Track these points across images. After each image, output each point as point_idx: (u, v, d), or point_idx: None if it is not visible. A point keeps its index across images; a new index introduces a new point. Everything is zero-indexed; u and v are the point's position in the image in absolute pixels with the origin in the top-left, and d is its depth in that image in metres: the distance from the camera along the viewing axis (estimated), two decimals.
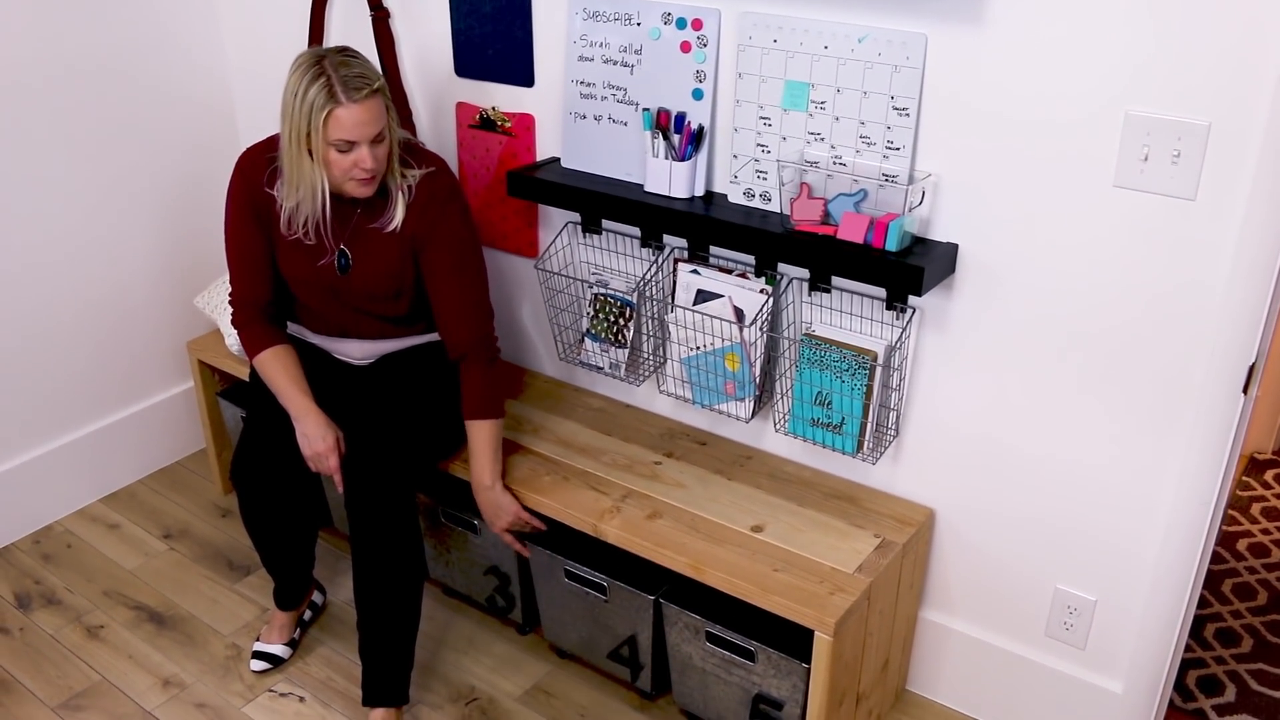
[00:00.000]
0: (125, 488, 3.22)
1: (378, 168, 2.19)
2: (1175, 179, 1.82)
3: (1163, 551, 2.07)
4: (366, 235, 2.32)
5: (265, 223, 2.35)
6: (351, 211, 2.32)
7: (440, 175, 2.33)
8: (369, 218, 2.31)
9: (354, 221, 2.32)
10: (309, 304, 2.43)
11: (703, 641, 2.24)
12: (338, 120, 2.11)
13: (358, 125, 2.13)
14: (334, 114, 2.11)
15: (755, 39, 2.15)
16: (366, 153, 2.16)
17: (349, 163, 2.17)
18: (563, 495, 2.36)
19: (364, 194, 2.23)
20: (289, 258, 2.36)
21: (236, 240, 2.37)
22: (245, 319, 2.40)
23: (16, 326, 2.84)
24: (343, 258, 2.33)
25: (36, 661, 2.58)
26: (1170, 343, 1.93)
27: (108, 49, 2.85)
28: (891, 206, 2.07)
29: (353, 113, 2.12)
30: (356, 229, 2.32)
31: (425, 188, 2.30)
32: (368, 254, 2.33)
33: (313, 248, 2.33)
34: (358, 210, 2.31)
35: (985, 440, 2.21)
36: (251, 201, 2.33)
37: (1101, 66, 1.83)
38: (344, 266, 2.34)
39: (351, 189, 2.22)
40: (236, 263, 2.39)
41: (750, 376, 2.34)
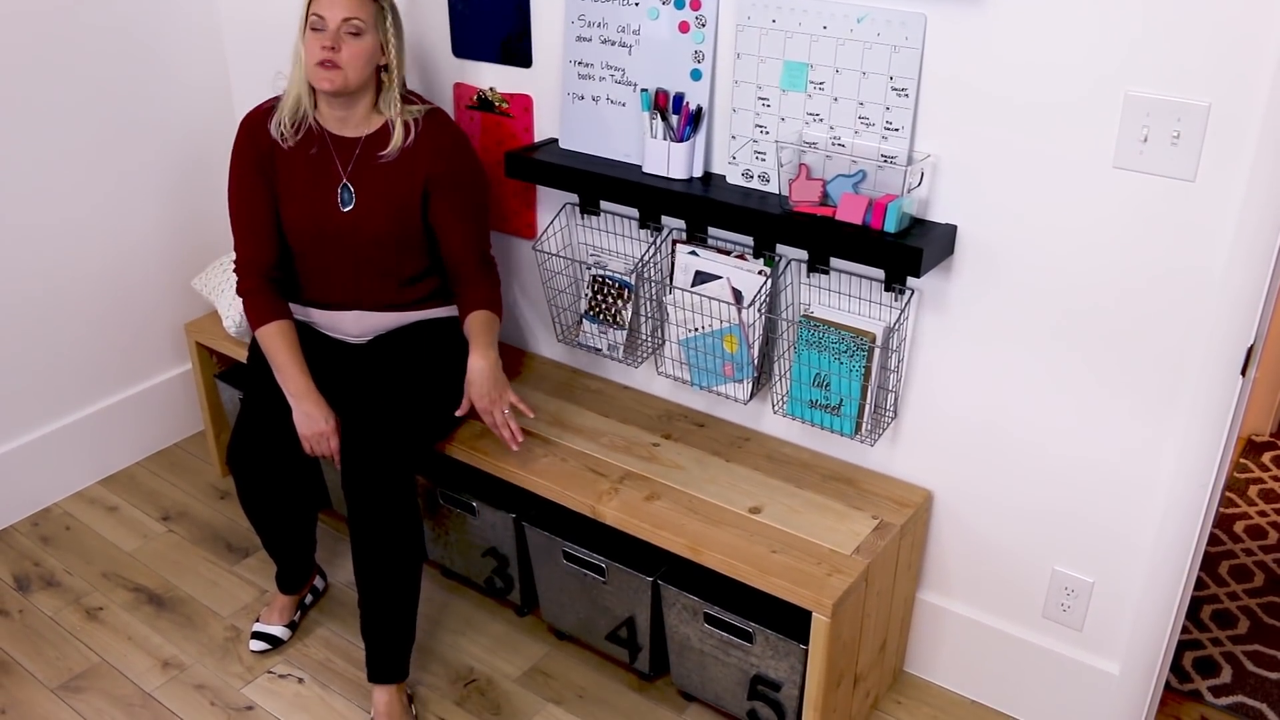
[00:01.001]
0: (124, 470, 3.22)
1: (341, 56, 2.24)
2: (1175, 160, 1.82)
3: (1160, 533, 2.07)
4: (371, 170, 2.36)
5: (269, 175, 2.38)
6: (354, 144, 2.36)
7: (446, 119, 2.42)
8: (372, 151, 2.36)
9: (357, 156, 2.36)
10: (310, 262, 2.44)
11: (701, 623, 2.25)
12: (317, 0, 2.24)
13: (330, 5, 2.23)
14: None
15: (754, 19, 2.14)
16: (332, 31, 2.23)
17: (316, 43, 2.24)
18: (561, 476, 2.36)
19: (325, 85, 2.26)
20: (294, 203, 2.38)
21: (241, 199, 2.39)
22: (251, 286, 2.41)
23: (15, 309, 2.84)
24: (345, 191, 2.36)
25: (36, 643, 2.59)
26: (1169, 324, 1.93)
27: (106, 33, 2.84)
28: (890, 188, 2.06)
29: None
30: (360, 164, 2.36)
31: (436, 127, 2.38)
32: (373, 189, 2.36)
33: (317, 188, 2.36)
34: (359, 144, 2.36)
35: (983, 422, 2.21)
36: (256, 152, 2.38)
37: (1101, 46, 1.82)
38: (347, 201, 2.36)
39: (315, 77, 2.27)
40: (241, 224, 2.41)
41: (748, 358, 2.34)
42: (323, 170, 2.37)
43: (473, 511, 2.54)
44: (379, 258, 2.40)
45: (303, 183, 2.37)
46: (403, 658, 2.34)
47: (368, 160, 2.36)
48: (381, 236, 2.37)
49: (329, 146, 2.37)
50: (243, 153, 2.39)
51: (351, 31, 2.24)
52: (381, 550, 2.25)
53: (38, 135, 2.77)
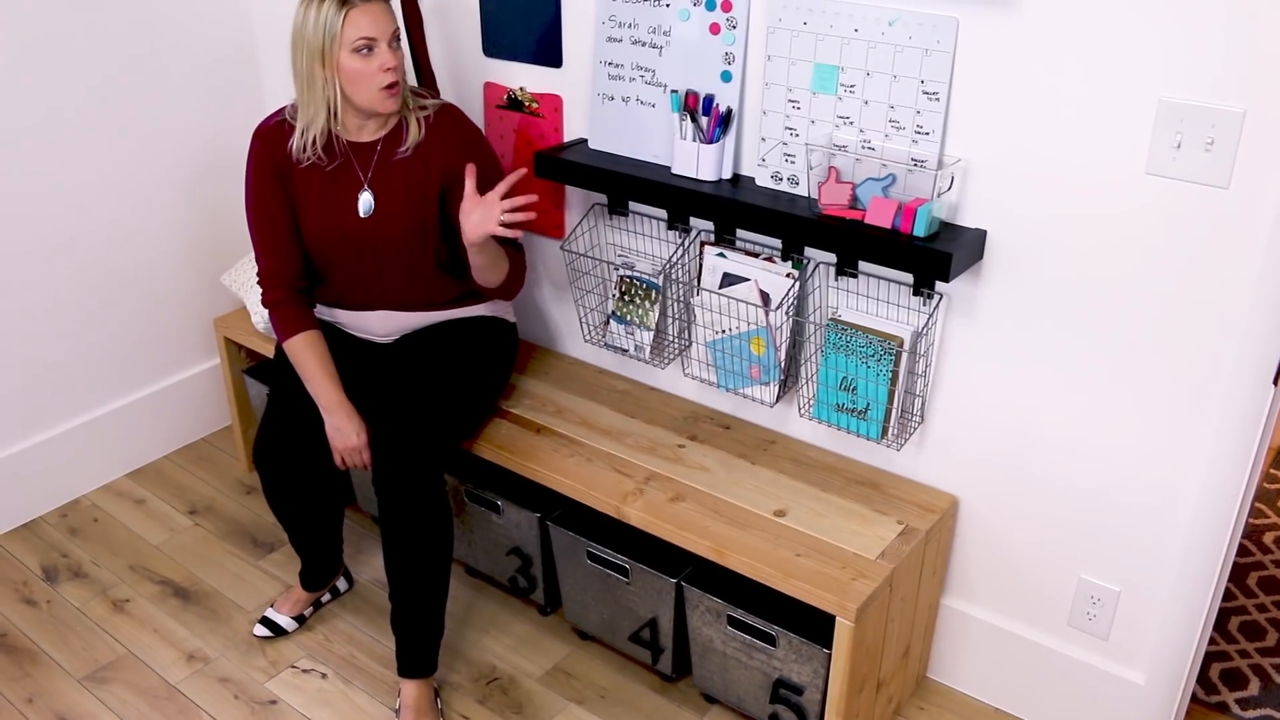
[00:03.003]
0: (151, 463, 3.24)
1: (400, 69, 2.24)
2: (1208, 167, 1.80)
3: (1188, 543, 2.05)
4: (389, 171, 2.34)
5: (287, 186, 2.37)
6: (372, 148, 2.34)
7: (459, 114, 2.41)
8: (390, 150, 2.34)
9: (375, 160, 2.35)
10: (333, 269, 2.43)
11: (724, 625, 2.24)
12: (354, 20, 2.18)
13: (375, 22, 2.19)
14: (349, 15, 2.17)
15: (785, 21, 2.13)
16: (388, 51, 2.21)
17: (374, 68, 2.21)
18: (586, 476, 2.36)
19: (393, 107, 2.26)
20: (312, 214, 2.37)
21: (261, 212, 2.38)
22: (276, 299, 2.39)
23: (46, 303, 2.87)
24: (366, 196, 2.35)
25: (63, 634, 2.61)
26: (1199, 332, 1.91)
27: (135, 27, 2.86)
28: (920, 191, 2.05)
29: (368, 11, 2.19)
30: (378, 167, 2.35)
31: (448, 119, 2.37)
32: (391, 190, 2.34)
33: (337, 197, 2.35)
34: (377, 147, 2.34)
35: (1010, 428, 2.19)
36: (273, 165, 2.36)
37: (1135, 52, 1.81)
38: (367, 206, 2.35)
39: (380, 101, 2.24)
40: (262, 236, 2.39)
41: (775, 361, 2.33)
42: (341, 178, 2.36)
43: (498, 510, 2.54)
44: (401, 258, 2.40)
45: (321, 192, 2.36)
46: (431, 652, 2.35)
47: (386, 161, 2.35)
48: (402, 237, 2.36)
49: (347, 154, 2.35)
50: (260, 166, 2.37)
51: (396, 42, 2.24)
52: (412, 547, 2.25)
53: (71, 133, 2.80)
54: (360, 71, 2.21)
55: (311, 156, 2.33)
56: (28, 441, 2.94)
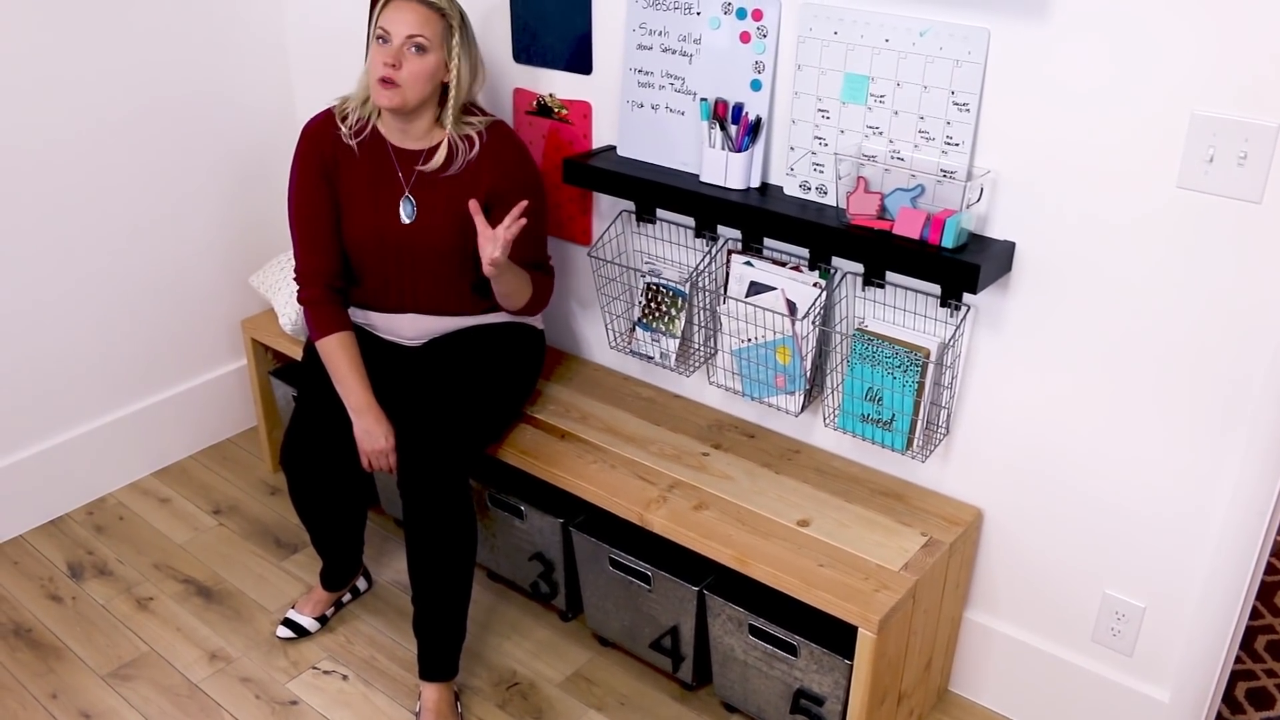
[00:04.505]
0: (177, 462, 3.26)
1: (402, 73, 2.23)
2: (1241, 181, 1.79)
3: (1215, 560, 2.04)
4: (433, 184, 2.36)
5: (333, 184, 2.39)
6: (415, 157, 2.36)
7: (510, 132, 2.42)
8: (436, 165, 2.36)
9: (418, 169, 2.37)
10: (369, 270, 2.44)
11: (745, 634, 2.24)
12: (386, 10, 2.25)
13: (398, 20, 2.23)
14: (386, 6, 2.25)
15: (815, 31, 2.13)
16: (398, 49, 2.23)
17: (379, 58, 2.24)
18: (609, 483, 2.36)
19: (384, 101, 2.26)
20: (355, 213, 2.39)
21: (304, 208, 2.40)
22: (313, 296, 2.41)
23: (78, 304, 2.89)
24: (408, 203, 2.37)
25: (87, 630, 2.63)
26: (1229, 347, 1.90)
27: (169, 29, 2.89)
28: (949, 203, 2.05)
29: (400, 9, 2.24)
30: (422, 176, 2.37)
31: (497, 138, 2.38)
32: (434, 202, 2.36)
33: (379, 199, 2.37)
34: (421, 157, 2.36)
35: (1036, 441, 2.18)
36: (320, 162, 2.38)
37: (1167, 65, 1.80)
38: (409, 212, 2.37)
39: (375, 92, 2.27)
40: (303, 233, 2.41)
41: (801, 370, 2.33)
42: (385, 181, 2.38)
43: (520, 516, 2.55)
44: (438, 268, 2.41)
45: (365, 193, 2.38)
46: (453, 656, 2.35)
47: (429, 173, 2.37)
48: (442, 248, 2.38)
49: (391, 158, 2.38)
50: (306, 162, 2.40)
51: (415, 49, 2.24)
52: (436, 551, 2.26)
53: (104, 138, 2.82)
54: (372, 57, 2.27)
55: (350, 135, 2.37)
56: (55, 439, 2.96)
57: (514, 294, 2.38)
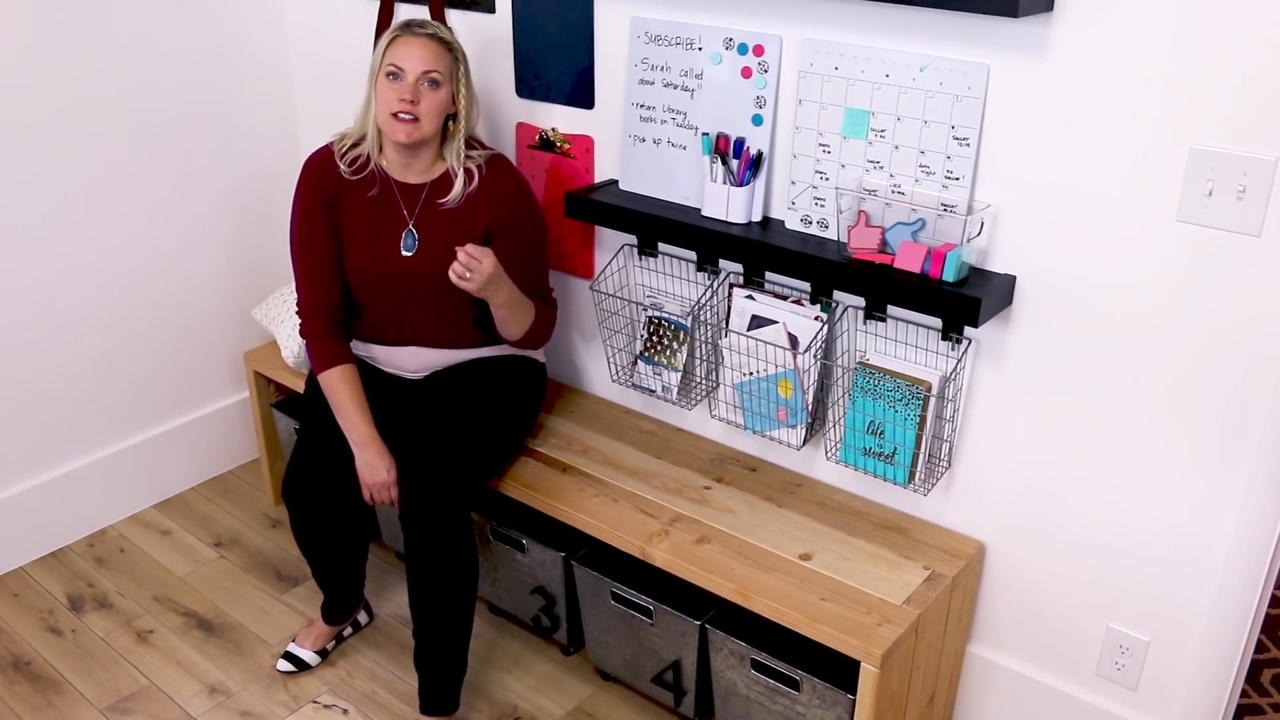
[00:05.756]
0: (178, 495, 3.26)
1: (419, 108, 2.26)
2: (1240, 215, 1.80)
3: (1219, 593, 2.03)
4: (434, 217, 2.37)
5: (335, 215, 2.40)
6: (418, 190, 2.37)
7: (509, 165, 2.44)
8: (435, 197, 2.37)
9: (421, 202, 2.37)
10: (371, 303, 2.44)
11: (747, 669, 2.23)
12: (396, 47, 2.27)
13: (411, 56, 2.25)
14: (395, 41, 2.27)
15: (816, 66, 2.15)
16: (412, 85, 2.25)
17: (393, 94, 2.25)
18: (611, 516, 2.36)
19: (400, 136, 2.27)
20: (357, 246, 2.39)
21: (306, 242, 2.40)
22: (316, 330, 2.41)
23: (78, 334, 2.90)
24: (410, 237, 2.37)
25: (87, 663, 2.62)
26: (1231, 379, 1.90)
27: (175, 62, 2.91)
28: (949, 236, 2.06)
29: (410, 44, 2.26)
30: (424, 210, 2.37)
31: (497, 171, 2.39)
32: (435, 235, 2.37)
33: (381, 232, 2.38)
34: (424, 190, 2.37)
35: (1039, 474, 2.18)
36: (321, 195, 2.39)
37: (1166, 99, 1.81)
38: (411, 247, 2.37)
39: (390, 127, 2.28)
40: (305, 266, 2.41)
41: (803, 404, 2.33)
42: (387, 215, 2.39)
43: (522, 549, 2.54)
44: (440, 301, 2.41)
45: (367, 227, 2.39)
46: (454, 690, 2.35)
47: (431, 206, 2.38)
48: (443, 281, 2.34)
49: (394, 192, 2.39)
50: (308, 196, 2.40)
51: (429, 83, 2.27)
52: (437, 585, 2.26)
53: (107, 171, 2.84)
54: (383, 93, 2.28)
55: (348, 172, 2.38)
56: (57, 470, 2.96)
57: (513, 321, 2.37)
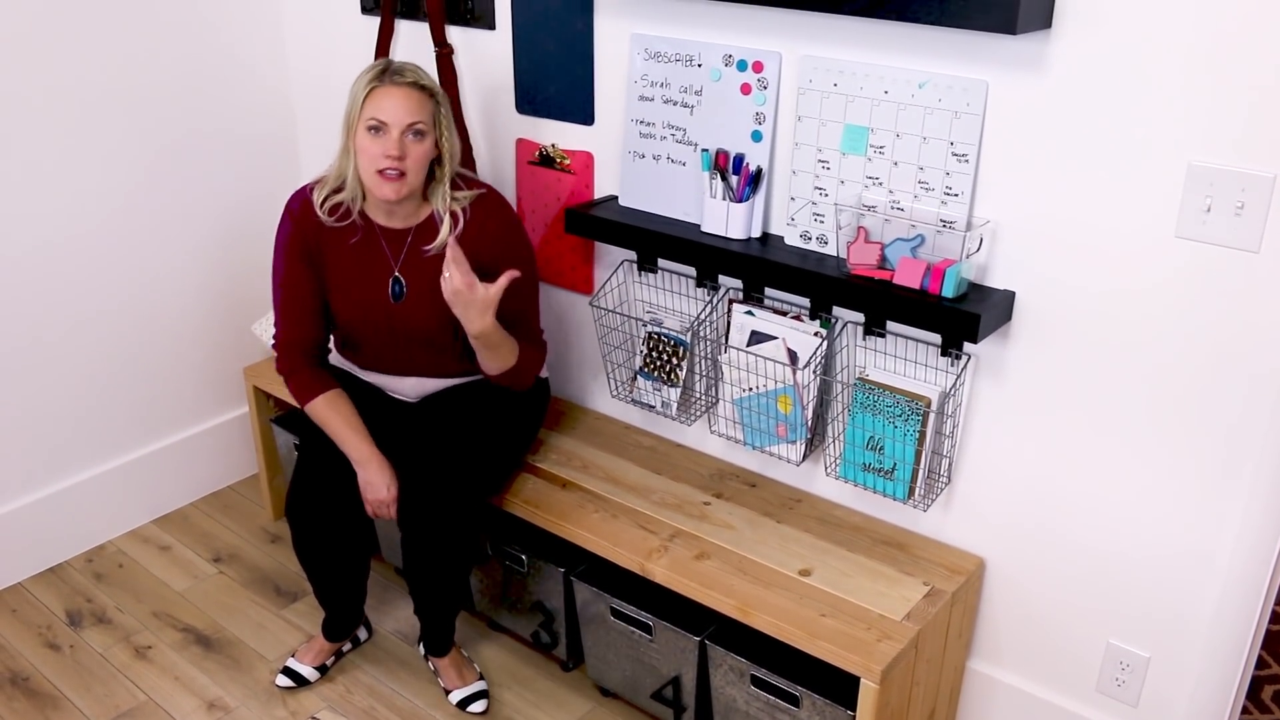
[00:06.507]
0: (177, 510, 3.26)
1: (406, 163, 2.19)
2: (1239, 231, 1.80)
3: (1220, 609, 2.03)
4: (420, 262, 2.33)
5: (317, 263, 2.36)
6: (403, 237, 2.33)
7: (497, 201, 2.38)
8: (421, 241, 2.32)
9: (407, 248, 2.33)
10: (364, 342, 2.44)
11: (747, 685, 2.23)
12: (374, 98, 2.17)
13: (393, 107, 2.16)
14: (374, 91, 2.18)
15: (815, 82, 2.15)
16: (397, 139, 2.16)
17: (377, 149, 2.17)
18: (611, 532, 2.36)
19: (388, 194, 2.20)
20: (343, 293, 2.37)
21: (288, 287, 2.37)
22: (292, 366, 2.39)
23: (77, 349, 2.90)
24: (397, 284, 2.34)
25: (85, 679, 2.61)
26: (1230, 395, 1.90)
27: (175, 79, 2.92)
28: (949, 252, 2.06)
29: (391, 95, 2.17)
30: (410, 256, 2.33)
31: (483, 212, 2.33)
32: (422, 282, 2.33)
33: (367, 280, 2.34)
34: (408, 236, 2.33)
35: (1038, 490, 2.18)
36: (303, 243, 2.34)
37: (1164, 117, 1.82)
38: (398, 294, 2.34)
39: (376, 185, 2.20)
40: (286, 308, 2.39)
41: (802, 419, 2.33)
42: (373, 261, 2.35)
43: (522, 565, 2.54)
44: (433, 340, 2.41)
45: (352, 273, 2.35)
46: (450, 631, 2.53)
47: (417, 251, 2.33)
48: (432, 325, 2.36)
49: (378, 238, 2.34)
50: (289, 243, 2.35)
51: (414, 135, 2.20)
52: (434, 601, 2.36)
53: (103, 179, 2.84)
54: (365, 148, 2.20)
55: (331, 220, 2.31)
56: (56, 486, 2.96)
57: (492, 358, 2.32)
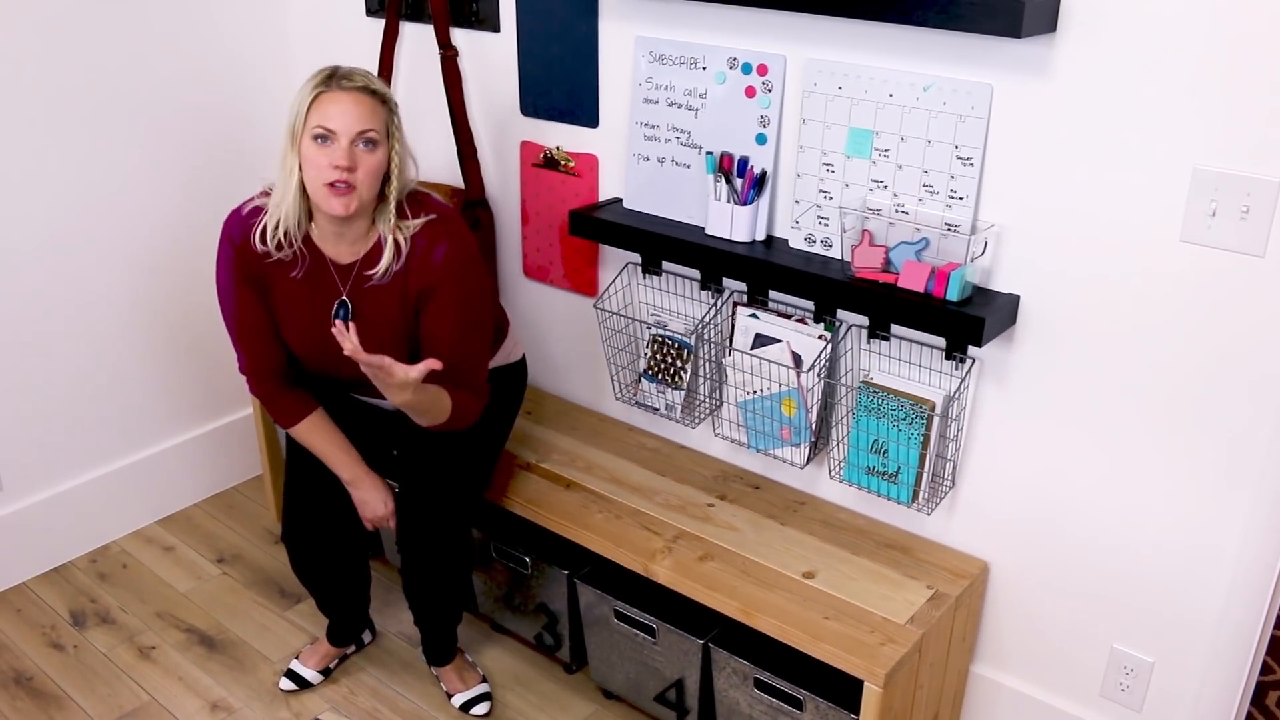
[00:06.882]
0: (182, 510, 3.26)
1: (357, 175, 1.98)
2: (1243, 235, 1.80)
3: (1224, 614, 2.03)
4: (366, 293, 2.15)
5: (263, 292, 2.18)
6: (349, 269, 2.14)
7: (449, 229, 2.15)
8: (367, 270, 2.13)
9: (353, 278, 2.15)
10: (318, 373, 2.29)
11: (750, 688, 2.22)
12: (321, 104, 1.98)
13: (341, 114, 1.97)
14: (320, 98, 1.98)
15: (820, 85, 2.15)
16: (345, 149, 1.96)
17: (324, 160, 1.97)
18: (614, 533, 2.36)
19: (337, 209, 2.00)
20: (292, 331, 2.21)
21: (240, 312, 2.20)
22: (267, 391, 2.28)
23: (81, 348, 2.90)
24: (342, 308, 2.16)
25: (89, 679, 2.61)
26: (1236, 399, 1.90)
27: (183, 80, 2.92)
28: (953, 256, 2.06)
29: (338, 100, 1.97)
30: (356, 285, 2.15)
31: (428, 240, 2.12)
32: (370, 311, 2.15)
33: (316, 308, 2.17)
34: (355, 267, 2.14)
35: (1043, 494, 2.18)
36: (245, 269, 2.16)
37: (1169, 121, 1.82)
38: (345, 318, 2.15)
39: (324, 200, 2.00)
40: (243, 334, 2.23)
41: (806, 422, 2.33)
42: (319, 293, 2.16)
43: (525, 566, 2.54)
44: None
45: (300, 310, 2.18)
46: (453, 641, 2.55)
47: (361, 283, 2.13)
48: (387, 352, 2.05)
49: (328, 269, 2.15)
50: (234, 269, 2.16)
51: (365, 144, 2.00)
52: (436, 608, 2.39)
53: (111, 181, 2.85)
54: (312, 159, 1.99)
55: (275, 252, 2.11)
56: (60, 486, 2.96)
57: (423, 420, 2.18)
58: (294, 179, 2.04)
